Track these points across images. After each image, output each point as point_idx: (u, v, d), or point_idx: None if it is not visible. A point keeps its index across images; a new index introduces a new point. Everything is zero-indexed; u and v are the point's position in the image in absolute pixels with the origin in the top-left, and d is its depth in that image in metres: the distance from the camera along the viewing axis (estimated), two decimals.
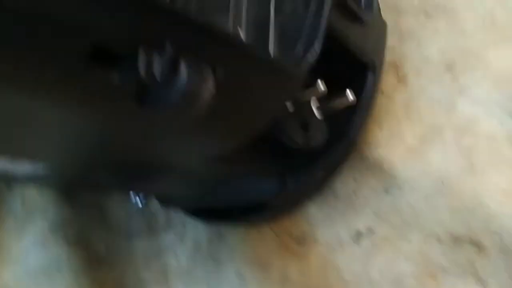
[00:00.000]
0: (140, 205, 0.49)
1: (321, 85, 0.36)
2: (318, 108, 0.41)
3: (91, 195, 0.61)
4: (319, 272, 0.47)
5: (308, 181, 0.46)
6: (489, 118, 0.41)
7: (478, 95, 0.42)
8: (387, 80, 0.47)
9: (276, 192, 0.46)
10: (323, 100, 0.41)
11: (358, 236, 0.45)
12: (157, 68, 0.25)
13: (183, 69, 0.25)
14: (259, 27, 0.34)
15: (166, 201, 0.55)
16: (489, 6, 0.45)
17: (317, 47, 0.32)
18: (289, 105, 0.37)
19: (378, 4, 0.38)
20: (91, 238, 0.60)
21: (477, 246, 0.40)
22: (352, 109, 0.41)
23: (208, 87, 0.26)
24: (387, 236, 0.43)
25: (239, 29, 0.33)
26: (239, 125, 0.34)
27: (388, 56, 0.46)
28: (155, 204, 0.56)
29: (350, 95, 0.39)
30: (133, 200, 0.49)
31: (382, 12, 0.45)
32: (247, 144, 0.37)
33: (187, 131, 0.32)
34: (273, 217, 0.50)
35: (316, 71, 0.33)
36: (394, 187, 0.43)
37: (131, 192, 0.49)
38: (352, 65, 0.41)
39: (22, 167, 0.33)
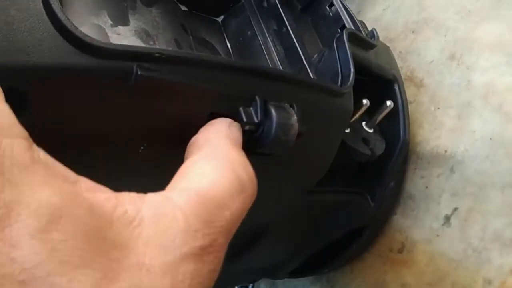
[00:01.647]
0: None
1: (364, 101, 0.45)
2: (366, 125, 0.49)
3: None
4: (430, 266, 0.52)
5: (385, 194, 0.53)
6: (502, 76, 0.49)
7: (483, 64, 0.51)
8: (408, 91, 0.56)
9: (365, 215, 0.53)
10: (369, 118, 0.50)
11: (447, 220, 0.51)
12: (254, 115, 0.34)
13: (273, 111, 0.34)
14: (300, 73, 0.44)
15: (272, 274, 0.61)
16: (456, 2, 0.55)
17: (352, 78, 0.41)
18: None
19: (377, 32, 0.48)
20: None
21: None
22: (394, 116, 0.50)
23: (295, 119, 0.35)
24: (470, 206, 0.49)
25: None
26: (321, 152, 0.42)
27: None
28: None
29: (388, 102, 0.47)
30: None
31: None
32: (325, 173, 0.45)
33: (284, 166, 0.40)
34: (370, 241, 0.56)
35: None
36: (456, 164, 0.50)
37: None
38: (379, 84, 0.50)
39: None
